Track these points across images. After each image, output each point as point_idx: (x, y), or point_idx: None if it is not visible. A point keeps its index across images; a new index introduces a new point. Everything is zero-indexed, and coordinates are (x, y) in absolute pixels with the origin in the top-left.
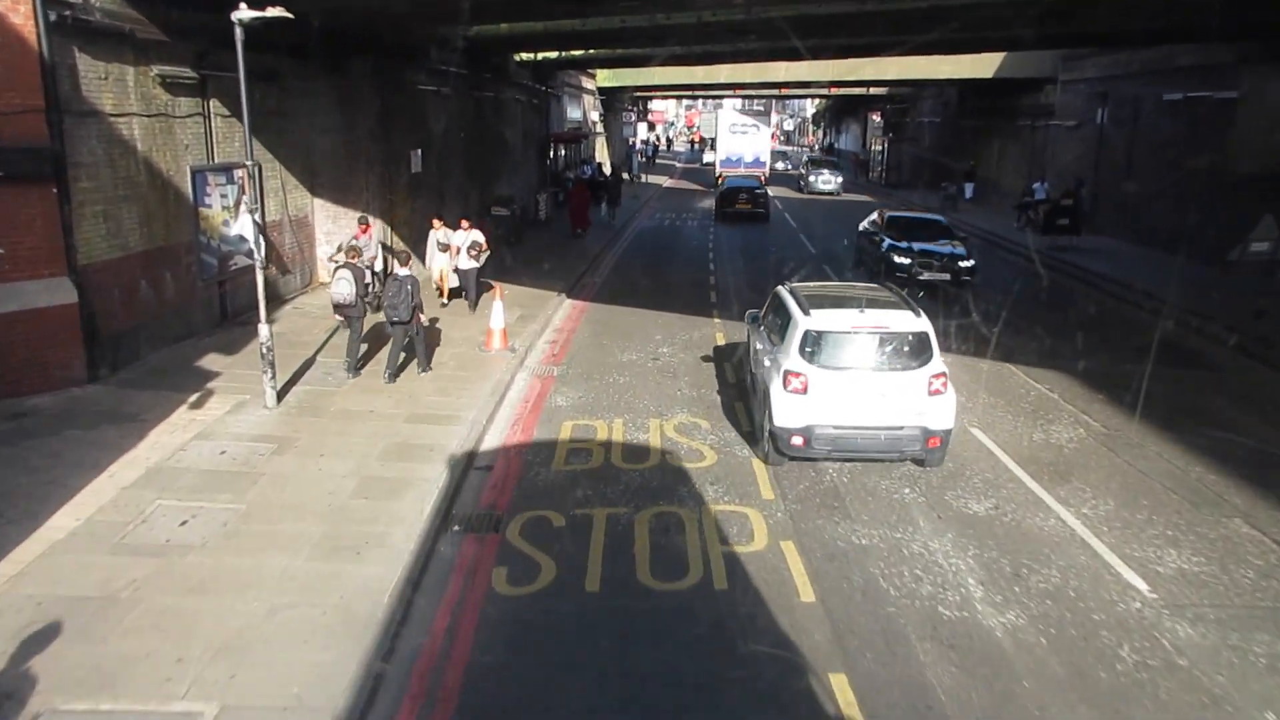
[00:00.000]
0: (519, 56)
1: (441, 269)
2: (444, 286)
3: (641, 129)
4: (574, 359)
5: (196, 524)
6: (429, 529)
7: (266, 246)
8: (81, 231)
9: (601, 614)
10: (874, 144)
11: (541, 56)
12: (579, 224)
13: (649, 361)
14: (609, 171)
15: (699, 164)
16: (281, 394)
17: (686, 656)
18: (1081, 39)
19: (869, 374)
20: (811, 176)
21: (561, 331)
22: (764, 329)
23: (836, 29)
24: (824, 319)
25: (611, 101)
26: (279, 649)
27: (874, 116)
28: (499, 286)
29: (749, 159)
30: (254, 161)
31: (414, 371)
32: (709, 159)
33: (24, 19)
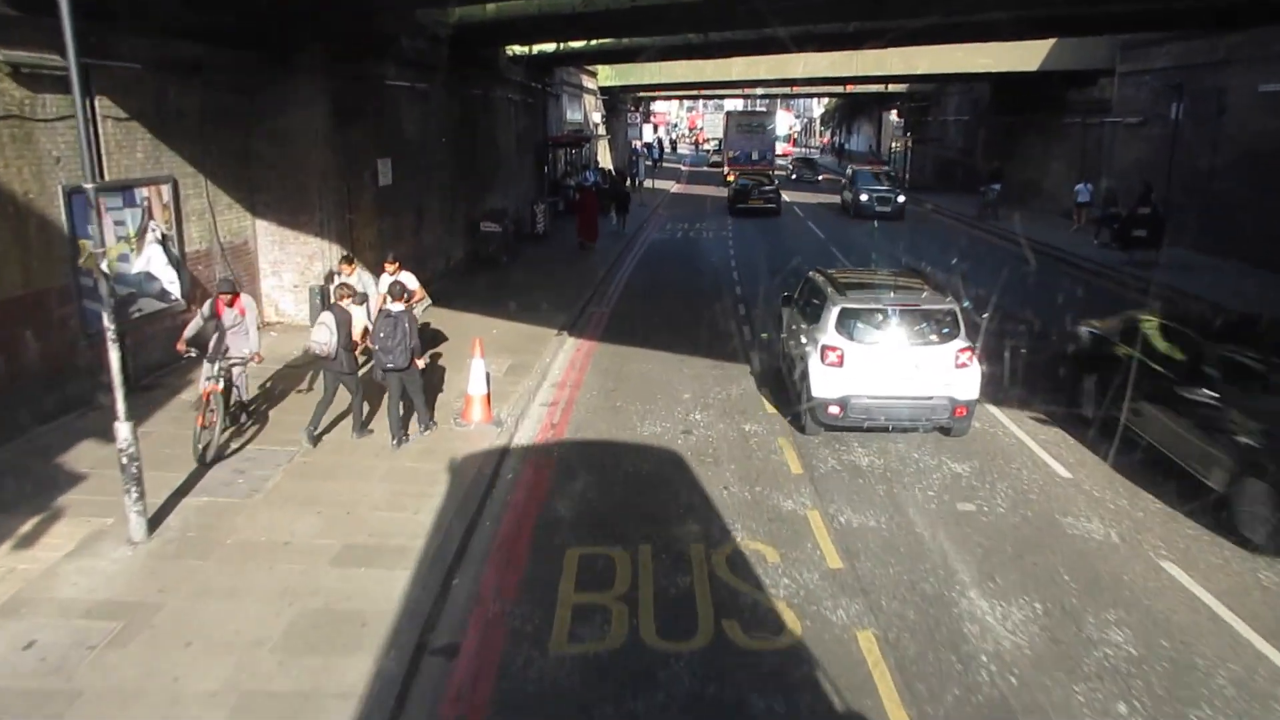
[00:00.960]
0: (511, 50)
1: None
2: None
3: (647, 130)
4: (580, 431)
5: None
6: None
7: (187, 283)
8: None
9: None
10: (894, 145)
11: (537, 50)
12: (587, 235)
13: (679, 436)
14: (613, 177)
15: (705, 166)
16: (163, 512)
17: None
18: (1166, 18)
19: (900, 348)
20: (864, 195)
21: (563, 388)
22: (797, 310)
23: (878, 9)
24: (858, 298)
25: (614, 102)
26: None
27: (892, 115)
28: (478, 341)
29: (756, 156)
30: (168, 176)
31: (381, 447)
32: (716, 159)
33: None
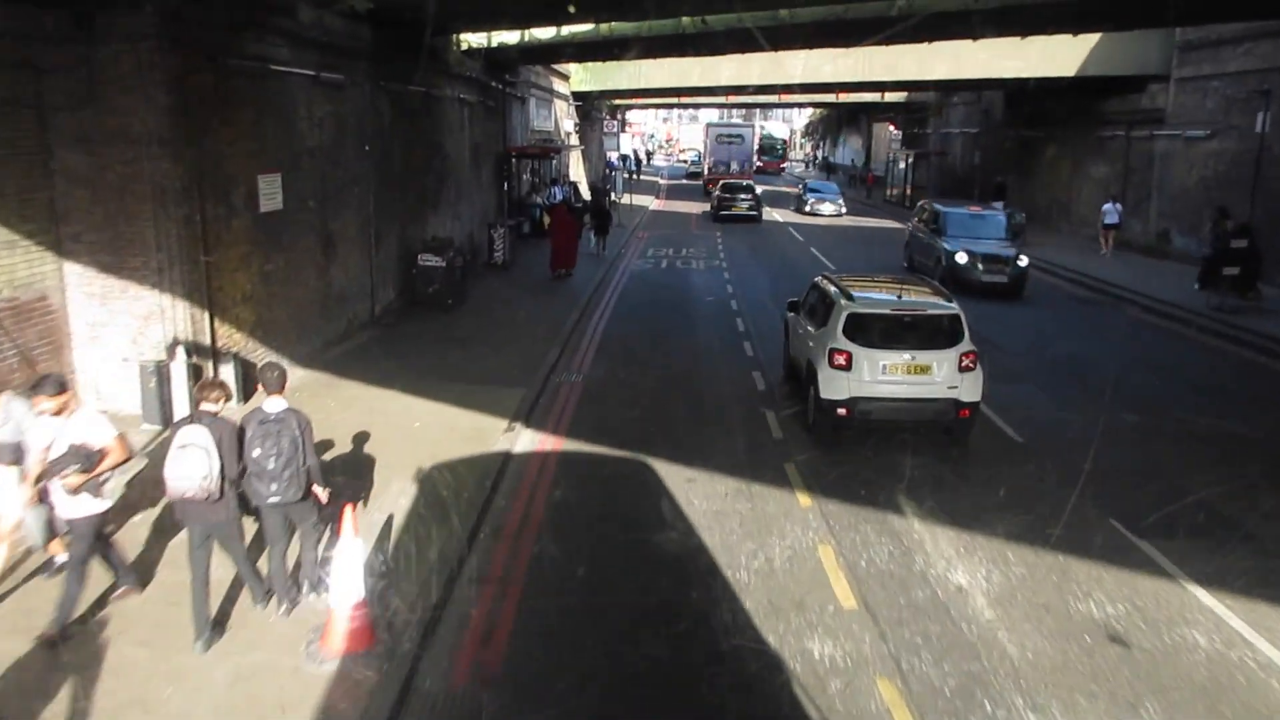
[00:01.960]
0: (465, 41)
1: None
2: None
3: (625, 140)
4: (528, 665)
5: None
6: None
7: None
8: None
9: None
10: (895, 159)
11: (498, 41)
12: (562, 263)
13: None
14: (587, 193)
15: (684, 178)
16: None
17: None
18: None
19: (906, 351)
20: (962, 255)
21: (501, 549)
22: (804, 314)
23: None
24: (866, 303)
25: (589, 110)
26: None
27: (890, 128)
28: (349, 510)
29: (735, 166)
30: None
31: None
32: (695, 169)
33: None
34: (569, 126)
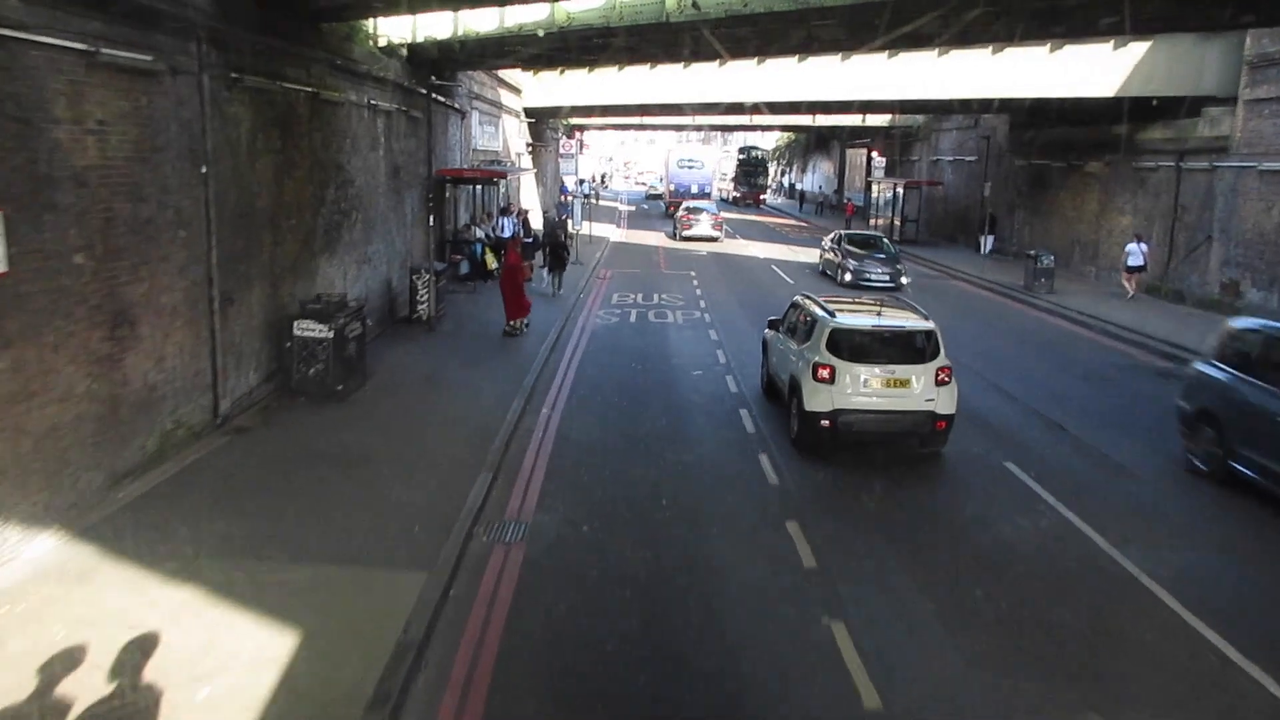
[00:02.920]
0: (384, 36)
1: None
2: None
3: (585, 164)
4: None
5: None
6: None
7: None
8: None
9: None
10: (882, 190)
11: (424, 36)
12: (515, 312)
13: None
14: (541, 225)
15: (644, 203)
16: None
17: None
18: None
19: (885, 366)
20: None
21: None
22: (785, 332)
23: None
24: (847, 320)
25: (541, 129)
26: None
27: (875, 154)
28: None
29: (695, 189)
30: None
31: None
32: (655, 192)
33: None
34: (520, 147)
